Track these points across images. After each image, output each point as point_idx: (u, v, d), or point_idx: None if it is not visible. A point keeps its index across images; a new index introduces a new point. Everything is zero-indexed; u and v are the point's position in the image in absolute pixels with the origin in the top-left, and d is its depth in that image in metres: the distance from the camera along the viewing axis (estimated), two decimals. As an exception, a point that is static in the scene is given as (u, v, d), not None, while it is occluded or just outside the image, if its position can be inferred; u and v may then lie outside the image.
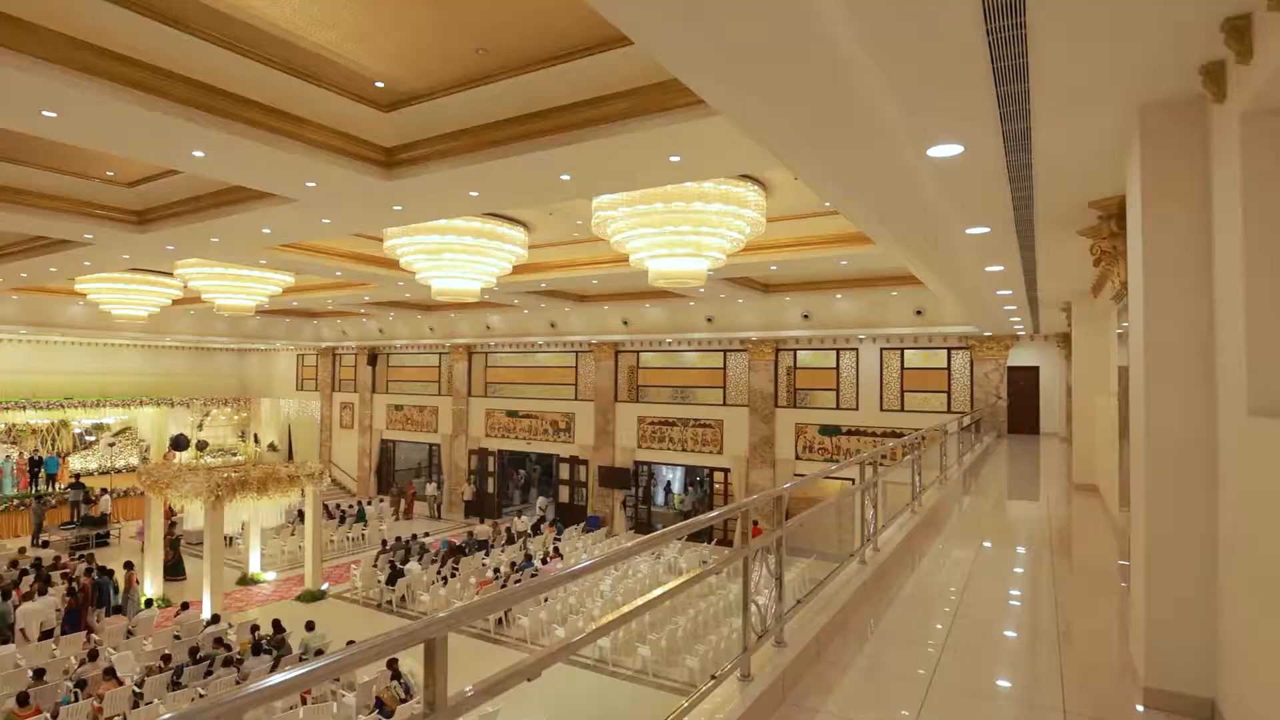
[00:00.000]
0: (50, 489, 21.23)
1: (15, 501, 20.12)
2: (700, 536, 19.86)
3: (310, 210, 9.24)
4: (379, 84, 6.94)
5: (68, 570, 14.42)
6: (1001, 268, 8.28)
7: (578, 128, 6.72)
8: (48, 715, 9.30)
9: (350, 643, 8.76)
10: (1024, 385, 18.86)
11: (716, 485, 21.86)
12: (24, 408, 22.22)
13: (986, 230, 6.17)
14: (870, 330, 18.07)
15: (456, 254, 12.00)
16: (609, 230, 10.50)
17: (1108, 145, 4.00)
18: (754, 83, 3.62)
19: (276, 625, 12.17)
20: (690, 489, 23.78)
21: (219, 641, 11.56)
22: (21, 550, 15.86)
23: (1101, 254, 5.60)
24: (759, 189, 10.02)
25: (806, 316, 18.37)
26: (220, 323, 23.87)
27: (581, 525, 21.46)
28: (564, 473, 23.84)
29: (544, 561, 16.49)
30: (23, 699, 9.34)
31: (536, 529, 20.62)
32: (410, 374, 27.24)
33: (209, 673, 10.73)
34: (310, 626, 12.29)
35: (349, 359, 28.41)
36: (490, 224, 11.94)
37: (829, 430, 19.49)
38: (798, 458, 19.83)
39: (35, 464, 21.60)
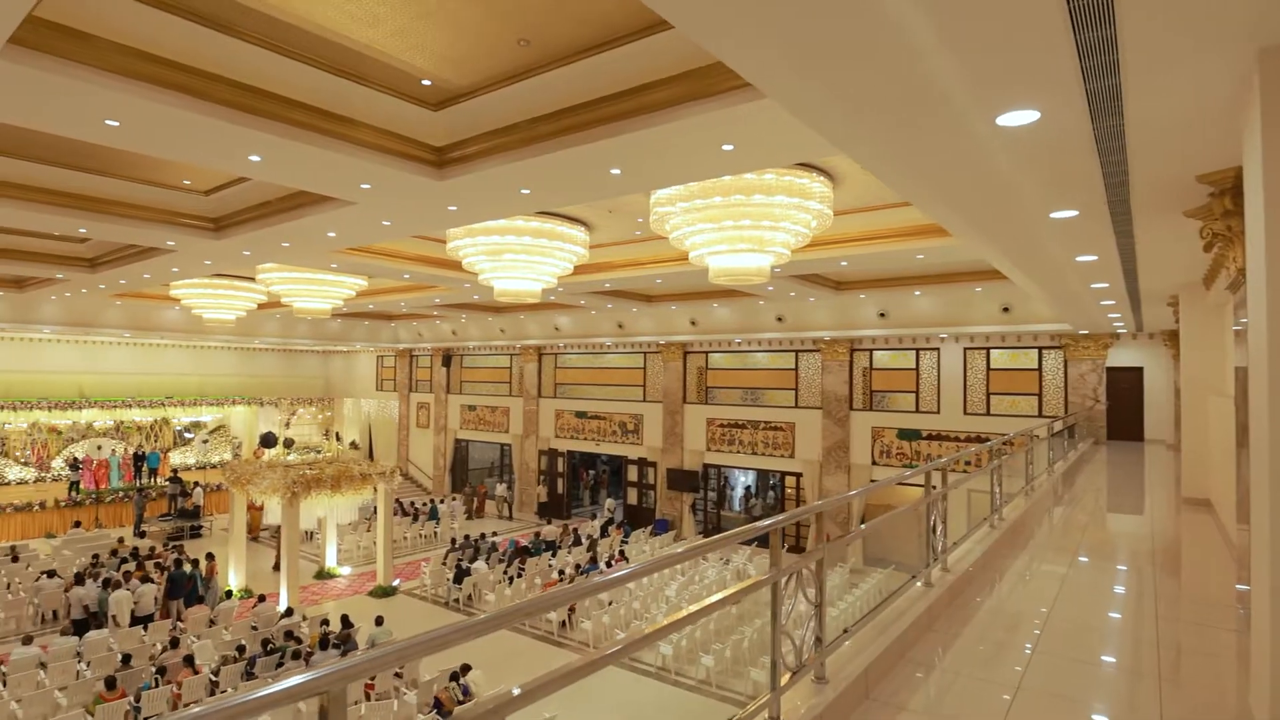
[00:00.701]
0: (151, 482, 22.63)
1: (120, 493, 21.56)
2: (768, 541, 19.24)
3: (369, 212, 9.32)
4: (426, 82, 6.86)
5: (160, 560, 15.21)
6: (1095, 257, 7.48)
7: (623, 117, 6.44)
8: (131, 699, 9.74)
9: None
10: (1125, 388, 17.37)
11: (788, 490, 21.19)
12: (129, 406, 23.84)
13: (1074, 214, 5.50)
14: (952, 329, 17.05)
15: (516, 254, 11.94)
16: (667, 227, 10.18)
17: (1219, 104, 3.39)
18: (793, 53, 3.25)
19: (345, 620, 12.44)
20: (760, 493, 23.17)
21: (290, 635, 11.89)
22: (121, 540, 16.90)
23: (1213, 237, 4.88)
24: (825, 180, 9.50)
25: (883, 315, 17.51)
26: (303, 326, 24.90)
27: (649, 528, 21.22)
28: (632, 474, 23.65)
29: (608, 564, 16.30)
30: (110, 682, 9.82)
31: (604, 531, 20.50)
32: (483, 375, 27.69)
33: (280, 664, 11.02)
34: (379, 622, 12.49)
35: (425, 360, 29.15)
36: (550, 223, 11.83)
37: (908, 434, 18.53)
38: (874, 463, 18.95)
39: (139, 459, 23.10)
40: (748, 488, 23.95)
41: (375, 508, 19.48)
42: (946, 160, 4.41)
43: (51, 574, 13.94)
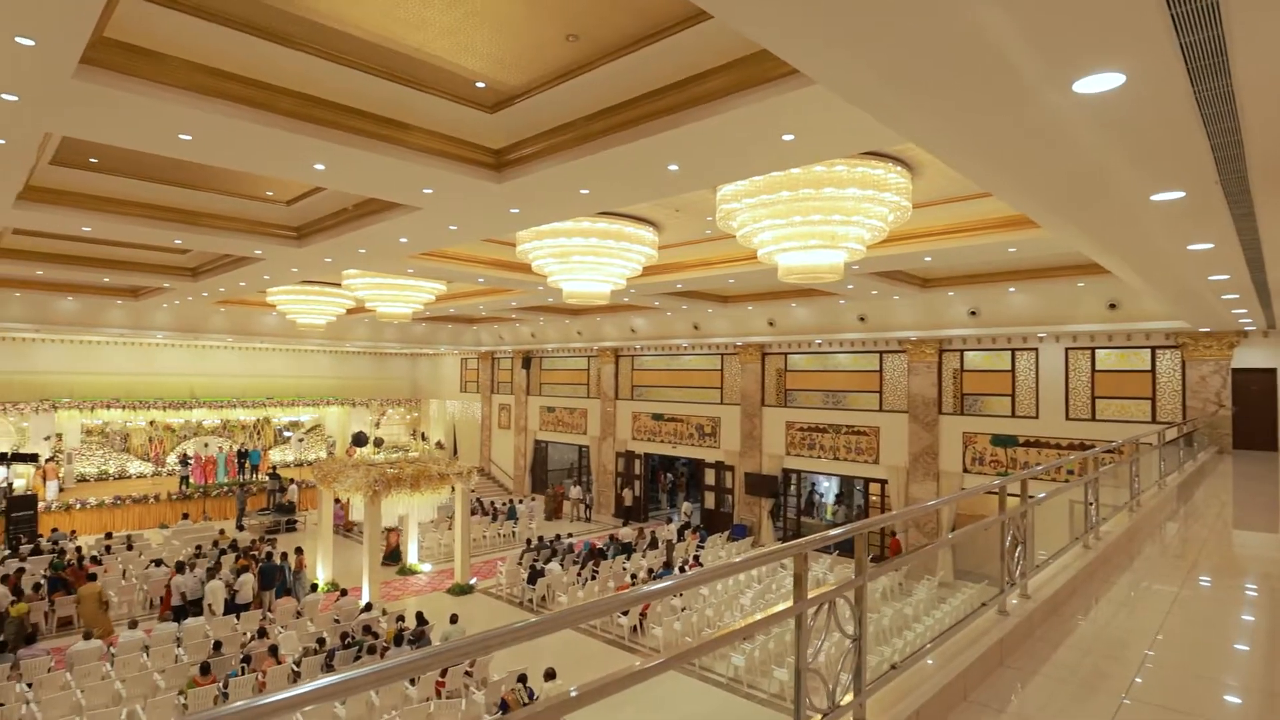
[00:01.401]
0: (252, 478, 24.05)
1: (225, 488, 23.01)
2: (849, 548, 18.49)
3: (435, 217, 9.45)
4: (480, 84, 6.83)
5: (255, 552, 16.05)
6: (1210, 245, 6.64)
7: (676, 110, 6.20)
8: (220, 685, 10.24)
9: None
10: (1255, 391, 15.64)
11: (872, 497, 20.30)
12: (234, 406, 25.45)
13: (1180, 195, 4.84)
14: (1052, 327, 15.82)
15: (584, 256, 11.86)
16: (734, 224, 9.85)
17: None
18: (839, 35, 2.94)
19: (419, 617, 12.68)
20: (844, 500, 22.33)
21: (368, 629, 12.24)
22: (221, 532, 17.97)
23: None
24: (900, 170, 8.93)
25: (974, 313, 16.47)
26: (390, 330, 25.88)
27: (726, 533, 20.81)
28: (709, 478, 23.28)
29: (681, 569, 16.03)
30: (204, 668, 10.35)
31: (680, 535, 20.23)
32: (561, 377, 27.98)
33: (357, 657, 11.34)
34: (454, 620, 12.67)
35: (505, 362, 29.73)
36: (617, 224, 11.70)
37: (1003, 440, 17.36)
38: (965, 470, 17.86)
39: (242, 455, 24.61)
40: (830, 494, 23.14)
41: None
42: (1020, 140, 3.94)
43: (159, 563, 14.94)
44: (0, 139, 6.54)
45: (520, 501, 24.42)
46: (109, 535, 17.32)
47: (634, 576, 15.92)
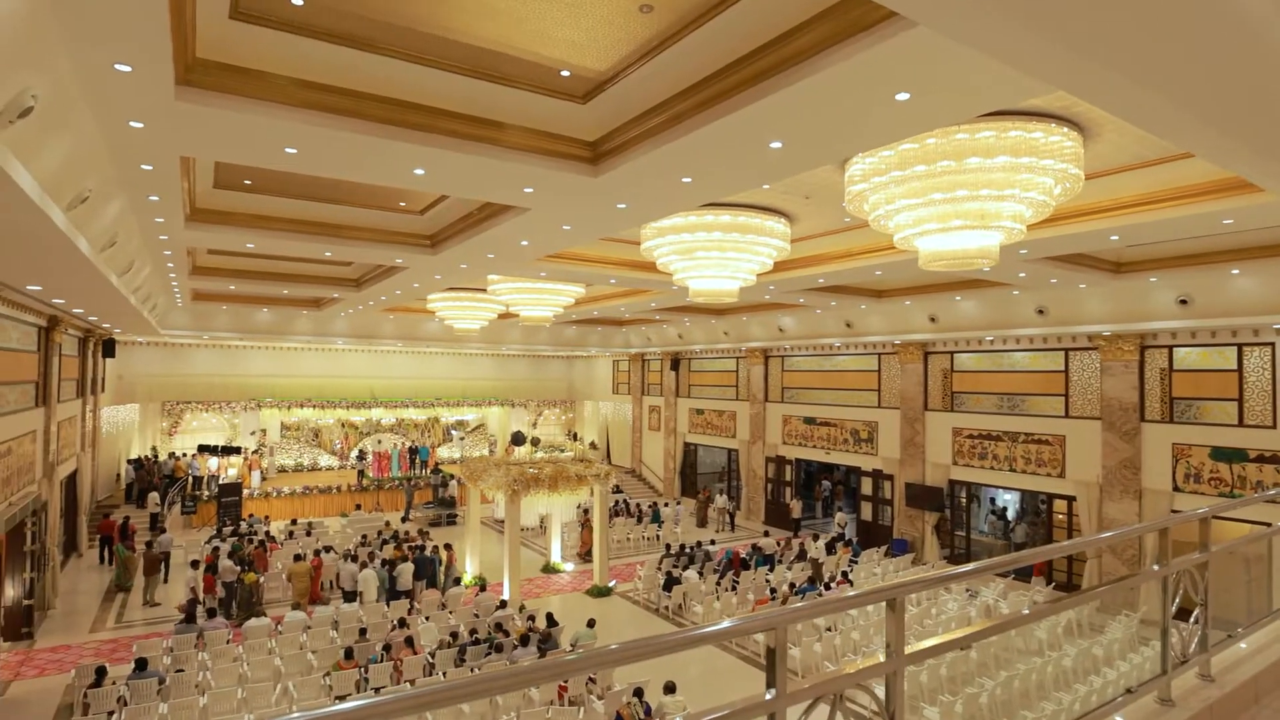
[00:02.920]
0: (421, 474, 25.85)
1: (396, 482, 24.92)
2: (1026, 574, 16.29)
3: (546, 217, 9.32)
4: (564, 73, 6.51)
5: (413, 544, 17.06)
6: None
7: (767, 75, 5.47)
8: (361, 670, 10.82)
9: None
10: None
11: (1057, 515, 17.79)
12: (406, 406, 27.55)
13: None
14: (1294, 317, 12.87)
15: (708, 251, 11.26)
16: (865, 208, 8.80)
17: None
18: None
19: (549, 618, 12.73)
20: (1023, 517, 19.81)
21: (499, 626, 12.45)
22: (387, 523, 19.36)
23: None
24: (1067, 131, 7.49)
25: (1184, 302, 13.80)
26: (543, 333, 26.73)
27: (884, 548, 19.19)
28: (866, 487, 21.65)
29: (828, 586, 14.88)
30: (348, 652, 11.01)
31: (831, 548, 18.93)
32: (709, 379, 27.43)
33: (487, 654, 11.55)
34: (591, 624, 12.56)
35: (655, 364, 29.69)
36: (742, 216, 10.99)
37: (1227, 454, 14.42)
38: (1176, 488, 15.05)
39: (413, 452, 26.58)
40: (1006, 509, 20.64)
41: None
42: (1241, 78, 2.87)
43: (329, 549, 16.30)
44: (148, 164, 7.20)
45: (666, 504, 24.18)
46: (294, 522, 19.28)
47: (773, 591, 15.02)
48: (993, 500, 20.25)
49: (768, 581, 16.16)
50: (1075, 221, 9.73)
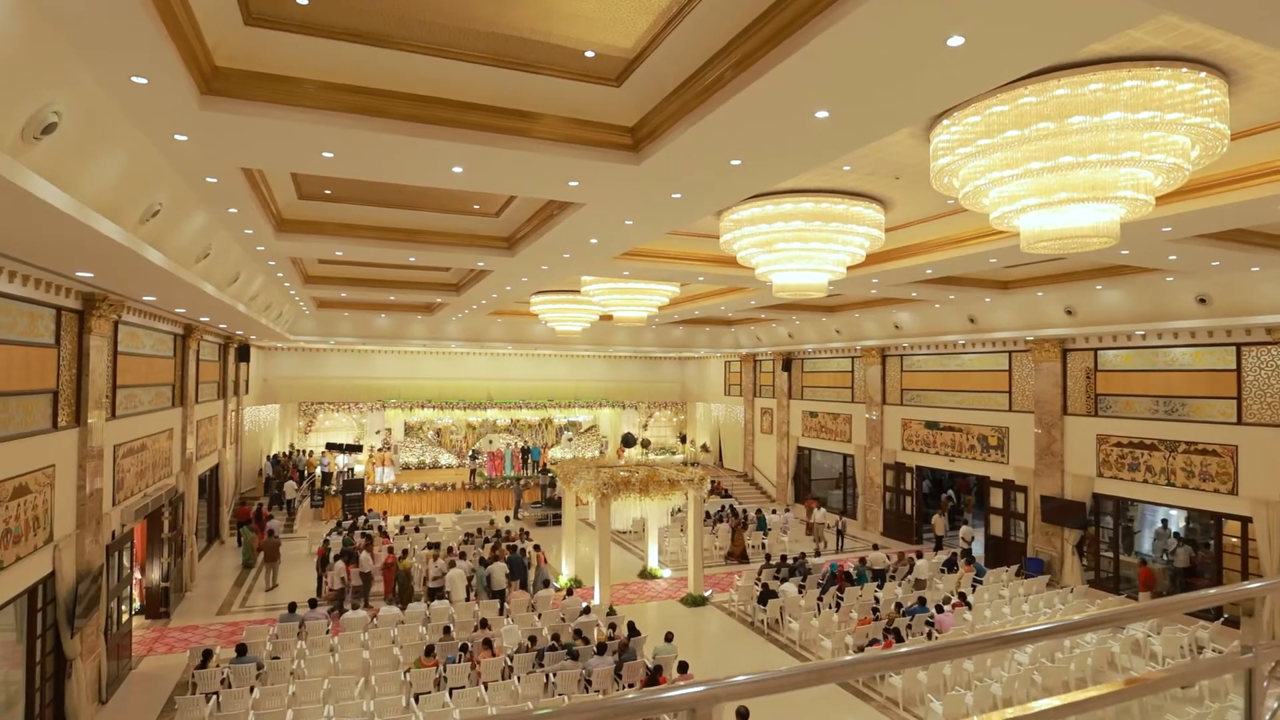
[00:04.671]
0: (531, 474, 26.37)
1: (507, 481, 25.55)
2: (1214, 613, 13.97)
3: (604, 211, 8.97)
4: (588, 53, 6.11)
5: (513, 543, 17.29)
6: None
7: (791, 30, 4.76)
8: (441, 669, 10.93)
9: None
10: None
11: (1228, 538, 15.20)
12: (520, 407, 28.23)
13: None
14: None
15: (788, 242, 10.47)
16: (956, 183, 7.74)
17: None
18: None
19: (631, 627, 12.34)
20: (1185, 539, 17.13)
21: (578, 633, 12.24)
22: (490, 522, 19.80)
23: None
24: (1205, 76, 6.18)
25: (1396, 284, 11.28)
26: (649, 334, 26.48)
27: (1015, 567, 17.26)
28: (995, 499, 19.62)
29: (939, 609, 13.49)
30: (428, 650, 11.18)
31: (952, 565, 17.28)
32: (823, 380, 26.03)
33: (565, 660, 11.34)
34: (669, 638, 12.07)
35: (767, 365, 28.63)
36: (825, 202, 10.13)
37: None
38: (1390, 512, 12.36)
39: (525, 452, 27.18)
40: (1158, 526, 17.94)
41: (708, 513, 19.51)
42: None
43: (435, 546, 16.83)
44: (212, 177, 7.54)
45: (774, 511, 23.17)
46: (407, 518, 20.18)
47: (876, 611, 13.81)
48: (1164, 522, 17.60)
49: (876, 599, 14.94)
50: (1226, 190, 8.08)
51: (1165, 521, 17.76)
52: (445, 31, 5.74)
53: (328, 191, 10.21)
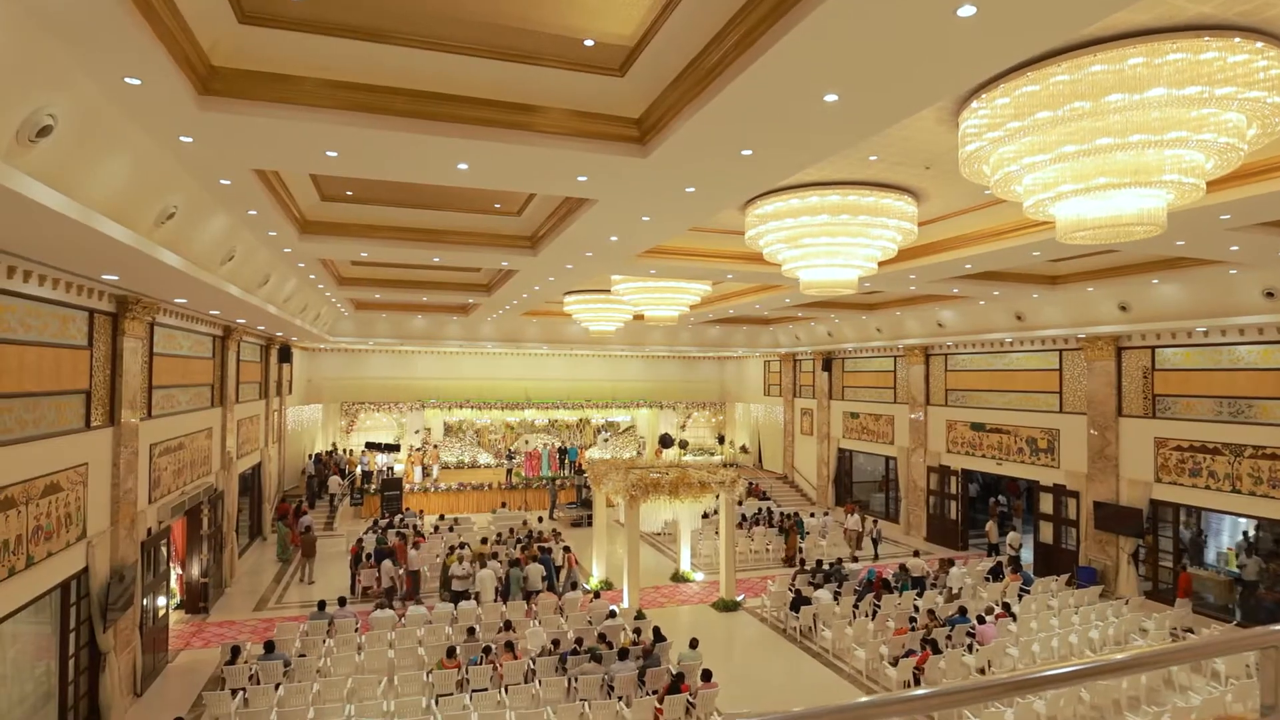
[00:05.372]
0: (567, 474, 26.33)
1: (543, 481, 25.56)
2: (1255, 615, 12.98)
3: (618, 207, 8.76)
4: (588, 42, 5.91)
5: (545, 544, 17.23)
6: None
7: (785, 9, 4.47)
8: (464, 670, 10.87)
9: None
10: None
11: (1303, 549, 14.18)
12: (558, 407, 28.23)
13: None
14: None
15: (815, 237, 10.08)
16: (987, 169, 7.29)
17: None
18: None
19: (656, 633, 12.11)
20: (1255, 549, 16.05)
21: (602, 637, 12.05)
22: (523, 522, 19.77)
23: None
24: (1262, 46, 5.66)
25: None
26: (685, 333, 26.16)
27: (1065, 577, 16.43)
28: (1045, 504, 18.74)
29: (980, 620, 12.88)
30: (450, 651, 11.14)
31: (997, 573, 16.54)
32: (864, 379, 25.32)
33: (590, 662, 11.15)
34: (694, 644, 11.80)
35: (807, 364, 28.01)
36: (853, 195, 9.71)
37: None
38: None
39: (562, 452, 27.16)
40: (1225, 536, 16.84)
41: (744, 515, 19.14)
42: None
43: (463, 545, 16.88)
44: (225, 179, 7.59)
45: (812, 514, 22.63)
46: (442, 517, 20.32)
47: (912, 621, 13.26)
48: (1245, 533, 16.50)
49: (915, 608, 14.37)
50: (1289, 171, 7.43)
51: (1199, 522, 16.68)
52: (440, 24, 5.61)
53: (349, 193, 10.25)
